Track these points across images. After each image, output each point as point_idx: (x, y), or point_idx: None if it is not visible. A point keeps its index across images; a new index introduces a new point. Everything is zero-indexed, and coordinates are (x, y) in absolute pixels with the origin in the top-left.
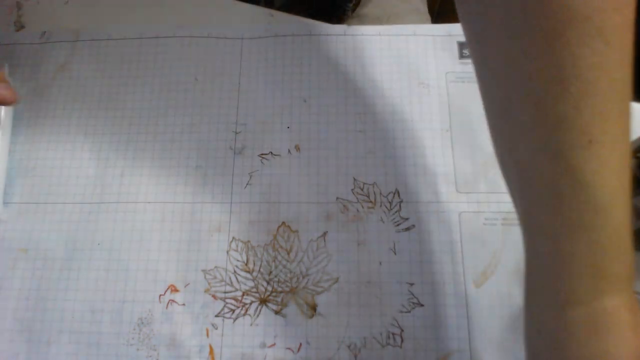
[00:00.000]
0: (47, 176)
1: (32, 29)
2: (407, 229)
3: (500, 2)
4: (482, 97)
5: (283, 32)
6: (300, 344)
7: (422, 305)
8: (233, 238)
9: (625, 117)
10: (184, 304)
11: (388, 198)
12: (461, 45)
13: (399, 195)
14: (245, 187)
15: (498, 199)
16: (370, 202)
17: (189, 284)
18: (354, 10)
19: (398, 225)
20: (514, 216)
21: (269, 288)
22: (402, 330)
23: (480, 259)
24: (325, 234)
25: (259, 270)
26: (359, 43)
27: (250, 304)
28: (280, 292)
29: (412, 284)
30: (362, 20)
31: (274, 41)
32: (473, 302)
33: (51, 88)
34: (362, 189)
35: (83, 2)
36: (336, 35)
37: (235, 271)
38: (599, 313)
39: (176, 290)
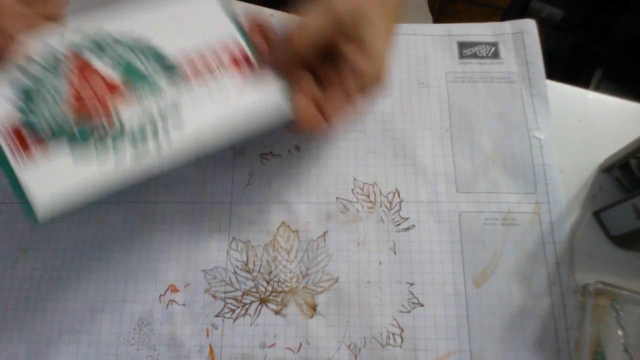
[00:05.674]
0: None
1: None
2: (407, 229)
3: None
4: None
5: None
6: (300, 344)
7: (422, 305)
8: (233, 238)
9: None
10: (184, 304)
11: (388, 198)
12: (461, 45)
13: (399, 195)
14: (245, 187)
15: (498, 199)
16: (370, 202)
17: (189, 284)
18: None
19: (398, 225)
20: (513, 216)
21: (269, 288)
22: (402, 330)
23: (480, 259)
24: (325, 234)
25: (259, 270)
26: None
27: (250, 304)
28: (280, 292)
29: (412, 284)
30: None
31: None
32: (473, 302)
33: None
34: (362, 189)
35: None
36: None
37: (235, 271)
38: None
39: (176, 290)
